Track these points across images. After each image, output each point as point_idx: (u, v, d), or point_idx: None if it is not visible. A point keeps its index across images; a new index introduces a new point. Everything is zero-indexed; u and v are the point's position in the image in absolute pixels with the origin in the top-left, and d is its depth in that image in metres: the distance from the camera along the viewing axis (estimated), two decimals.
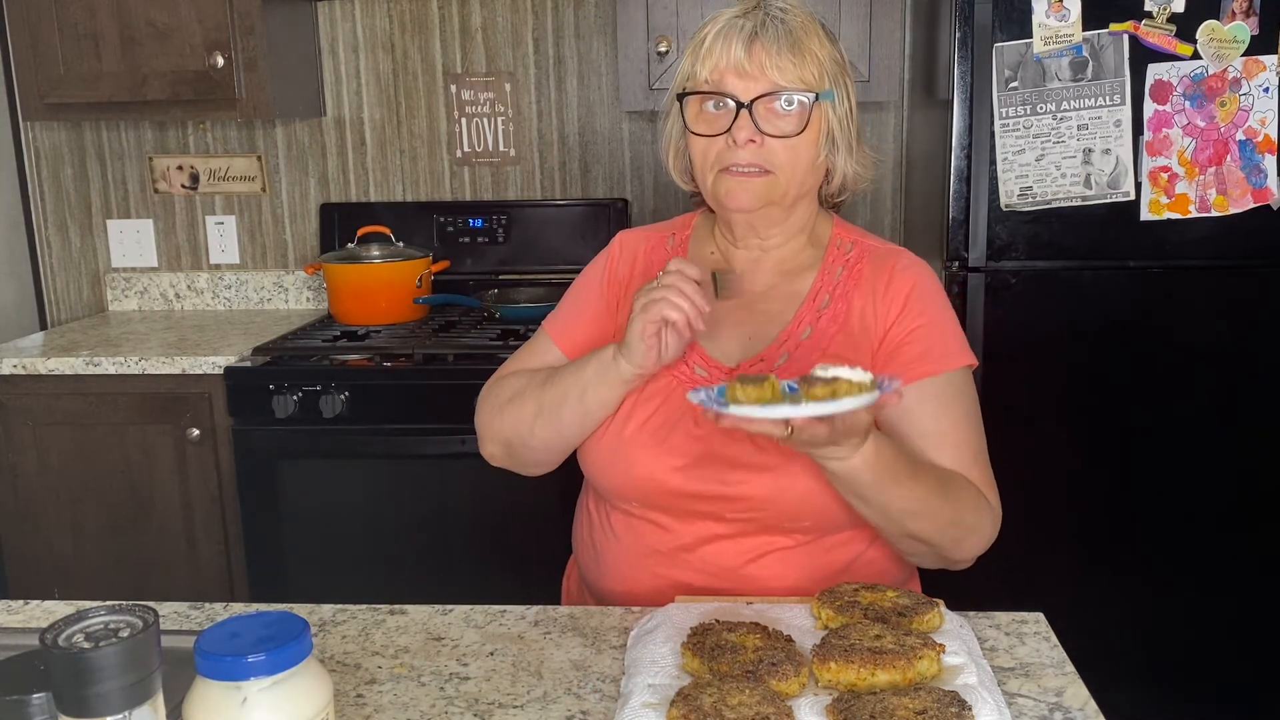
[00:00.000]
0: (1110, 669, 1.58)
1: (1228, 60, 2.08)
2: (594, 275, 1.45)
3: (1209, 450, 2.23)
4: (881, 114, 2.84)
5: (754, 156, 1.27)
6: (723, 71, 1.27)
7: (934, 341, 1.31)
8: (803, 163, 1.30)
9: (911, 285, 1.33)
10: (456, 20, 2.89)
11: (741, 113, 1.26)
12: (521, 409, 1.35)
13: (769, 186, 1.30)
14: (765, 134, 1.27)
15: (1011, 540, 1.68)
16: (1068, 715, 1.00)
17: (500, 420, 1.38)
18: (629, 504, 1.34)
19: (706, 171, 1.31)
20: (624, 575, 1.35)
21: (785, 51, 1.26)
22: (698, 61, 1.29)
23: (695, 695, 0.93)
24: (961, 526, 1.26)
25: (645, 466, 1.30)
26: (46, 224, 3.08)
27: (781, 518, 1.28)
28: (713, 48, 1.28)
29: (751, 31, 1.27)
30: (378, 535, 2.41)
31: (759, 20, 1.28)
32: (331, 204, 2.97)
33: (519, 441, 1.37)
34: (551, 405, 1.32)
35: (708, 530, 1.30)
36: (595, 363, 1.29)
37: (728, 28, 1.28)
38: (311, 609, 1.24)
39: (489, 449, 1.42)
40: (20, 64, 2.63)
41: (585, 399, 1.30)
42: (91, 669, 0.71)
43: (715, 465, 1.28)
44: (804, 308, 1.35)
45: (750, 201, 1.30)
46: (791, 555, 1.30)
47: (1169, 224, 2.14)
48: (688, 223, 1.47)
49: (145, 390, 2.46)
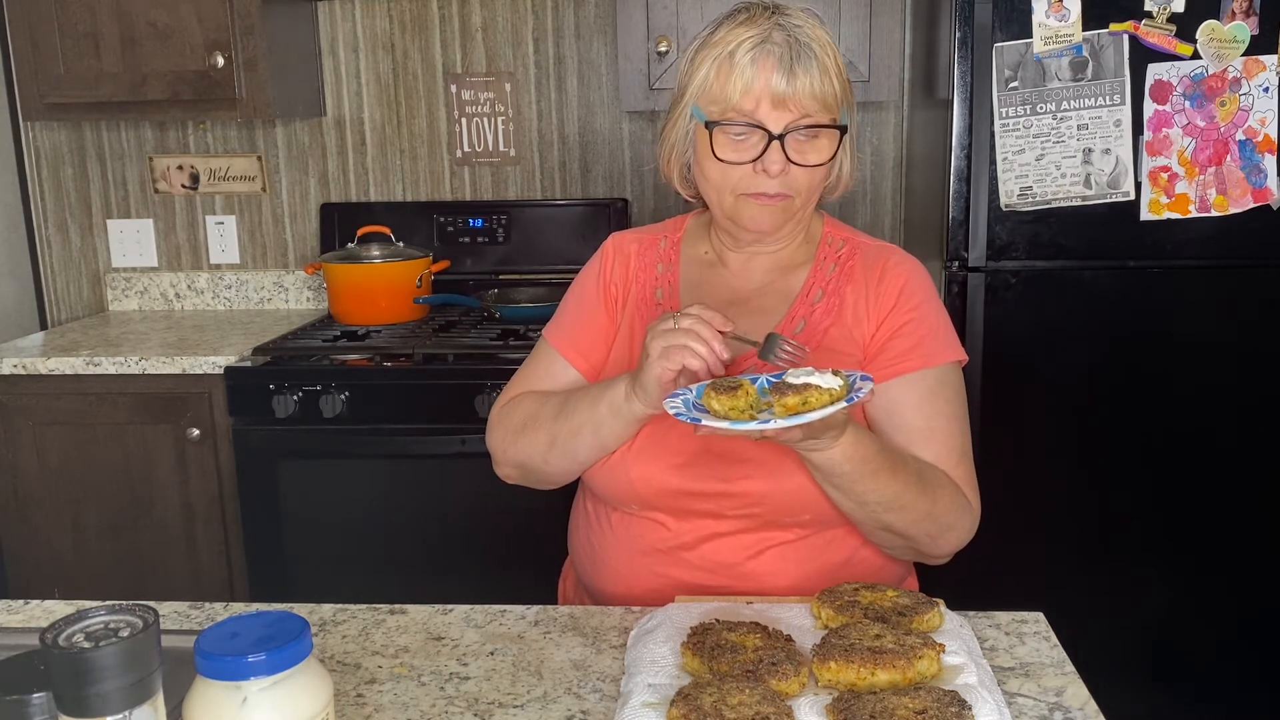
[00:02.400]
0: (1110, 669, 1.58)
1: (1228, 60, 2.08)
2: (590, 280, 1.45)
3: (1209, 450, 2.23)
4: (881, 114, 2.84)
5: (780, 185, 1.28)
6: (758, 98, 1.25)
7: (924, 336, 1.32)
8: (819, 185, 1.33)
9: (904, 281, 1.34)
10: (456, 20, 2.89)
11: (773, 144, 1.26)
12: (534, 438, 1.35)
13: (788, 210, 1.32)
14: (794, 164, 1.28)
15: (1012, 540, 1.69)
16: (1068, 715, 1.00)
17: (515, 447, 1.38)
18: (628, 505, 1.34)
19: (725, 193, 1.31)
20: (623, 575, 1.35)
21: (818, 82, 1.25)
22: (728, 82, 1.26)
23: (695, 695, 0.93)
24: (938, 523, 1.26)
25: (643, 469, 1.30)
26: (46, 224, 3.08)
27: (780, 512, 1.28)
28: (745, 70, 1.25)
29: (790, 61, 1.24)
30: (378, 535, 2.40)
31: (791, 43, 1.25)
32: (331, 204, 2.97)
33: (533, 467, 1.38)
34: (565, 438, 1.32)
35: (707, 528, 1.30)
36: (608, 401, 1.27)
37: (760, 52, 1.25)
38: (311, 609, 1.24)
39: (504, 471, 1.43)
40: (20, 64, 2.63)
41: (601, 434, 1.29)
42: (91, 669, 0.71)
43: (713, 463, 1.28)
44: (798, 302, 1.36)
45: (772, 226, 1.33)
46: (791, 550, 1.30)
47: (1169, 224, 2.14)
48: (679, 225, 1.48)
49: (145, 390, 2.46)
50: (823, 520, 1.29)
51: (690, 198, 1.42)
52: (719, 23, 1.30)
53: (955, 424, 1.32)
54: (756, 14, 1.28)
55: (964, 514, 1.29)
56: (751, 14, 1.29)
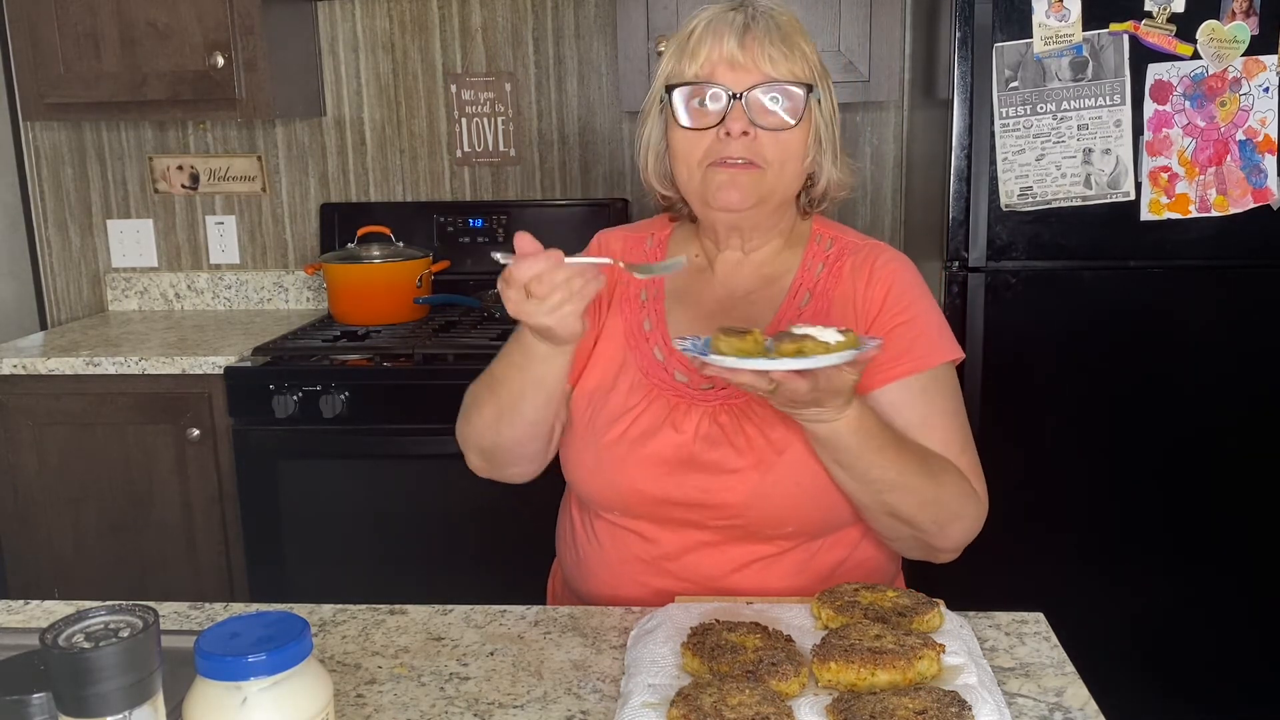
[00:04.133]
0: (1110, 669, 1.58)
1: (1228, 60, 2.08)
2: None
3: (1209, 450, 2.22)
4: (881, 114, 2.84)
5: (745, 150, 1.26)
6: (714, 64, 1.26)
7: (915, 339, 1.29)
8: (792, 159, 1.29)
9: (891, 282, 1.32)
10: (456, 20, 2.89)
11: (735, 103, 1.25)
12: (481, 416, 1.32)
13: (758, 181, 1.27)
14: (758, 126, 1.25)
15: (1012, 540, 1.69)
16: (1068, 715, 1.00)
17: (468, 429, 1.35)
18: (611, 512, 1.33)
19: (694, 168, 1.29)
20: (608, 582, 1.34)
21: (778, 44, 1.25)
22: (685, 56, 1.28)
23: (695, 695, 0.93)
24: (944, 509, 1.24)
25: (626, 473, 1.28)
26: (46, 224, 3.08)
27: (763, 524, 1.27)
28: (703, 39, 1.26)
29: (743, 24, 1.26)
30: (378, 535, 2.40)
31: (749, 14, 1.27)
32: (331, 204, 2.97)
33: (490, 445, 1.34)
34: (509, 404, 1.28)
35: (691, 538, 1.29)
36: (539, 357, 1.20)
37: (717, 21, 1.27)
38: (311, 609, 1.24)
39: (471, 461, 1.40)
40: (20, 64, 2.63)
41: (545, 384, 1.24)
42: (91, 669, 0.71)
43: (695, 472, 1.26)
44: (784, 306, 1.34)
45: (740, 199, 1.28)
46: (775, 563, 1.29)
47: (1169, 224, 2.14)
48: (665, 223, 1.45)
49: (145, 390, 2.46)
50: (807, 532, 1.28)
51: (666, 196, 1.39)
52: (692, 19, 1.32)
53: (954, 419, 1.30)
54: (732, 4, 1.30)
55: (970, 502, 1.26)
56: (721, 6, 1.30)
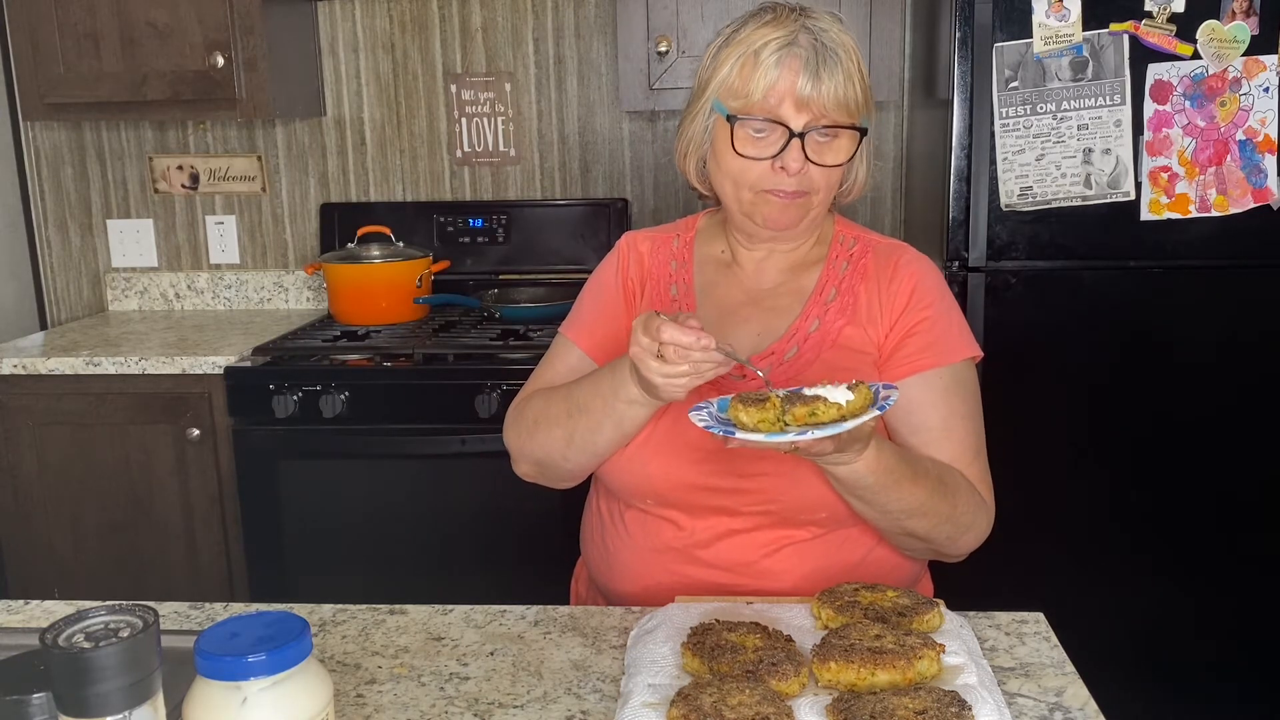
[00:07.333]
0: (1110, 669, 1.58)
1: (1228, 60, 2.08)
2: (608, 275, 1.45)
3: (1209, 450, 2.22)
4: (881, 114, 2.84)
5: (798, 183, 1.29)
6: (781, 96, 1.26)
7: (938, 335, 1.33)
8: (835, 185, 1.34)
9: (916, 281, 1.35)
10: (456, 20, 2.89)
11: (793, 141, 1.27)
12: (551, 435, 1.33)
13: (805, 207, 1.32)
14: (813, 163, 1.28)
15: (1012, 540, 1.68)
16: (1068, 715, 1.00)
17: (531, 444, 1.37)
18: (644, 501, 1.34)
19: (743, 190, 1.32)
20: (638, 574, 1.35)
21: (843, 86, 1.26)
22: (751, 79, 1.27)
23: (695, 695, 0.93)
24: (958, 525, 1.28)
25: (660, 462, 1.30)
26: (46, 224, 3.08)
27: (796, 510, 1.29)
28: (771, 67, 1.26)
29: (814, 64, 1.25)
30: (378, 535, 2.40)
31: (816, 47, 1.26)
32: (331, 204, 2.97)
33: (552, 463, 1.37)
34: (584, 433, 1.30)
35: (723, 525, 1.30)
36: (625, 397, 1.23)
37: (786, 53, 1.26)
38: (311, 609, 1.24)
39: (522, 468, 1.42)
40: (20, 64, 2.63)
41: (623, 427, 1.27)
42: (91, 669, 0.71)
43: (730, 458, 1.28)
44: (811, 301, 1.37)
45: (789, 224, 1.33)
46: (807, 548, 1.30)
47: (1169, 224, 2.14)
48: (691, 224, 1.48)
49: (145, 390, 2.46)
50: (838, 519, 1.29)
51: (704, 193, 1.42)
52: (744, 21, 1.31)
53: (971, 423, 1.33)
54: (783, 15, 1.29)
55: (981, 513, 1.30)
56: (778, 15, 1.29)
